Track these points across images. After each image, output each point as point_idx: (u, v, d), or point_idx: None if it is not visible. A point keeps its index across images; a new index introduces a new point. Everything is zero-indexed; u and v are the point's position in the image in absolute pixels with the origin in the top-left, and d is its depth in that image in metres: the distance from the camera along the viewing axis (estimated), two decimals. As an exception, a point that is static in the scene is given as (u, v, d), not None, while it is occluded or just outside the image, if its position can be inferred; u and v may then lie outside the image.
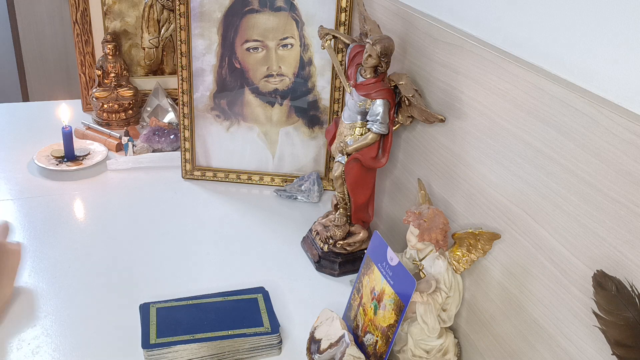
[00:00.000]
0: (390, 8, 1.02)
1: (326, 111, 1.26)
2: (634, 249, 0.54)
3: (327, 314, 0.85)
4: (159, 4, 1.54)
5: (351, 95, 0.95)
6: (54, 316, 0.91)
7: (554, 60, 0.66)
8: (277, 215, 1.21)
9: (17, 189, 1.25)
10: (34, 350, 0.85)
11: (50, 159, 1.33)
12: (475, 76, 0.78)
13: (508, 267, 0.74)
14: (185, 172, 1.32)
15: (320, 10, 1.19)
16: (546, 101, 0.65)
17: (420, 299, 0.77)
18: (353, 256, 1.05)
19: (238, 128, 1.29)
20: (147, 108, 1.56)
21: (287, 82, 1.25)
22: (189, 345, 0.83)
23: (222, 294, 0.94)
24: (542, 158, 0.66)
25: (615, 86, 0.58)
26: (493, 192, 0.76)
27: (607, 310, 0.53)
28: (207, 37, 1.23)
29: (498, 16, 0.76)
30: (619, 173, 0.55)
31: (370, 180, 1.01)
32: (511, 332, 0.74)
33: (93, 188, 1.27)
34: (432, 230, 0.77)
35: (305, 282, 1.03)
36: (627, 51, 0.56)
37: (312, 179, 1.25)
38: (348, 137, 0.97)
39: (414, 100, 0.89)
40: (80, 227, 1.15)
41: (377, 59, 0.90)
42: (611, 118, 0.56)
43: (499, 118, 0.73)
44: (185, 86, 1.26)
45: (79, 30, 1.52)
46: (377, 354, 0.79)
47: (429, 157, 0.93)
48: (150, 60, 1.59)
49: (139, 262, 1.05)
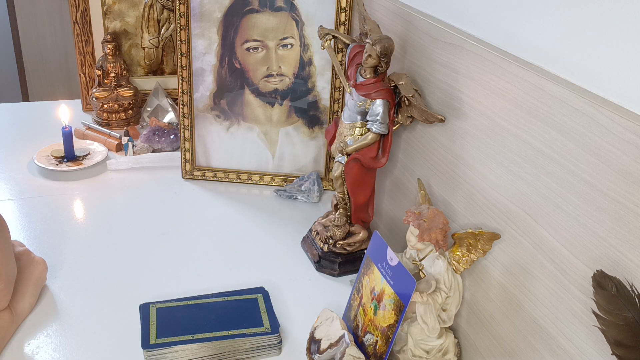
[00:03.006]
0: (390, 8, 1.02)
1: (326, 111, 1.26)
2: (634, 249, 0.54)
3: (327, 314, 0.85)
4: (159, 4, 1.54)
5: (351, 95, 0.95)
6: (53, 316, 0.91)
7: (554, 60, 0.66)
8: (277, 215, 1.21)
9: (17, 189, 1.25)
10: (34, 350, 0.85)
11: (50, 159, 1.33)
12: (475, 76, 0.78)
13: (508, 267, 0.74)
14: (185, 172, 1.32)
15: (320, 10, 1.19)
16: (546, 101, 0.65)
17: (420, 299, 0.77)
18: (353, 256, 1.05)
19: (238, 128, 1.29)
20: (147, 108, 1.56)
21: (287, 82, 1.25)
22: (189, 345, 0.83)
23: (222, 294, 0.94)
24: (542, 158, 0.66)
25: (615, 86, 0.58)
26: (493, 192, 0.76)
27: (607, 310, 0.53)
28: (207, 37, 1.23)
29: (498, 16, 0.76)
30: (619, 173, 0.55)
31: (370, 180, 1.01)
32: (511, 332, 0.74)
33: (93, 188, 1.27)
34: (432, 230, 0.77)
35: (305, 282, 1.03)
36: (627, 51, 0.56)
37: (312, 179, 1.25)
38: (348, 137, 0.97)
39: (414, 100, 0.89)
40: (80, 227, 1.15)
41: (377, 59, 0.90)
42: (611, 118, 0.56)
43: (499, 118, 0.73)
44: (185, 86, 1.26)
45: (79, 30, 1.52)
46: (377, 354, 0.79)
47: (429, 157, 0.93)
48: (150, 60, 1.59)
49: (139, 262, 1.05)
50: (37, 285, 0.93)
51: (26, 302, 0.90)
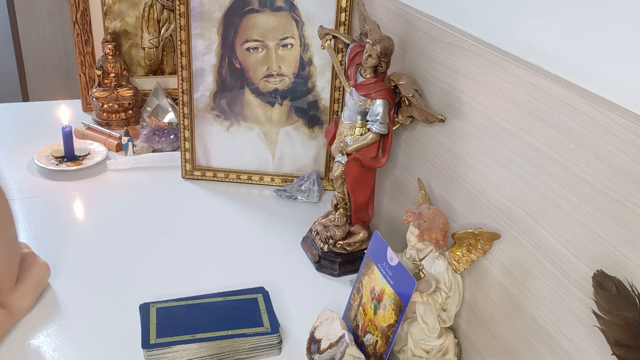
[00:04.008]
0: (390, 8, 1.02)
1: (326, 111, 1.26)
2: (634, 249, 0.54)
3: (327, 314, 0.85)
4: (159, 4, 1.54)
5: (351, 95, 0.95)
6: (53, 316, 0.91)
7: (554, 60, 0.66)
8: (277, 215, 1.21)
9: (17, 189, 1.25)
10: (34, 350, 0.85)
11: (50, 159, 1.33)
12: (475, 76, 0.78)
13: (508, 267, 0.74)
14: (185, 172, 1.32)
15: (320, 10, 1.19)
16: (546, 101, 0.65)
17: (420, 299, 0.77)
18: (353, 256, 1.05)
19: (238, 128, 1.29)
20: (147, 108, 1.56)
21: (287, 82, 1.25)
22: (189, 345, 0.83)
23: (222, 294, 0.94)
24: (542, 158, 0.66)
25: (615, 86, 0.58)
26: (493, 192, 0.76)
27: (607, 310, 0.53)
28: (207, 37, 1.23)
29: (498, 16, 0.76)
30: (619, 173, 0.55)
31: (370, 180, 1.01)
32: (511, 332, 0.74)
33: (93, 188, 1.27)
34: (432, 230, 0.77)
35: (305, 282, 1.03)
36: (627, 51, 0.56)
37: (312, 179, 1.25)
38: (348, 137, 0.97)
39: (414, 100, 0.89)
40: (80, 227, 1.15)
41: (377, 59, 0.90)
42: (611, 118, 0.56)
43: (499, 118, 0.73)
44: (185, 86, 1.26)
45: (79, 30, 1.52)
46: (377, 354, 0.79)
47: (429, 157, 0.93)
48: (150, 60, 1.59)
49: (139, 262, 1.05)
50: (38, 287, 0.93)
51: (25, 302, 0.90)
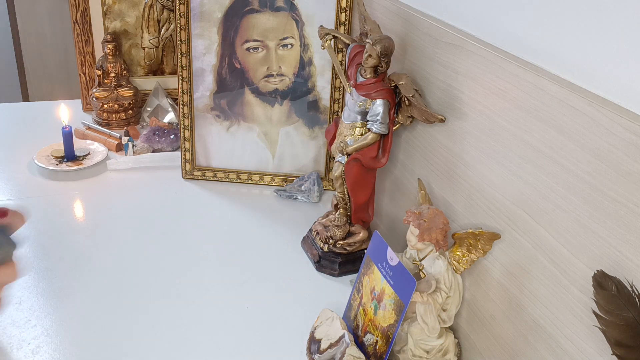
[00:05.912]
0: (390, 8, 1.02)
1: (326, 111, 1.26)
2: (634, 249, 0.54)
3: (327, 314, 0.85)
4: (159, 4, 1.54)
5: (351, 95, 0.95)
6: (54, 316, 0.91)
7: (554, 60, 0.66)
8: (277, 215, 1.21)
9: (17, 189, 1.25)
10: (34, 350, 0.85)
11: (50, 159, 1.33)
12: (475, 76, 0.78)
13: (508, 267, 0.74)
14: (185, 172, 1.32)
15: (320, 10, 1.19)
16: (546, 101, 0.65)
17: (420, 299, 0.77)
18: (353, 256, 1.05)
19: (238, 128, 1.29)
20: (147, 108, 1.56)
21: (287, 82, 1.25)
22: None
23: None
24: (542, 158, 0.66)
25: (615, 86, 0.58)
26: (493, 192, 0.76)
27: (607, 310, 0.53)
28: (207, 37, 1.23)
29: (498, 16, 0.76)
30: (619, 173, 0.55)
31: (370, 180, 1.01)
32: (511, 332, 0.74)
33: (93, 188, 1.27)
34: (432, 230, 0.77)
35: (305, 282, 1.03)
36: (627, 51, 0.56)
37: (312, 179, 1.25)
38: (348, 137, 0.97)
39: (414, 100, 0.89)
40: (80, 227, 1.15)
41: (377, 59, 0.90)
42: (611, 118, 0.56)
43: (499, 118, 0.73)
44: (185, 86, 1.26)
45: (79, 30, 1.52)
46: (377, 354, 0.79)
47: (429, 157, 0.93)
48: (150, 60, 1.59)
49: (139, 262, 1.05)
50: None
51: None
